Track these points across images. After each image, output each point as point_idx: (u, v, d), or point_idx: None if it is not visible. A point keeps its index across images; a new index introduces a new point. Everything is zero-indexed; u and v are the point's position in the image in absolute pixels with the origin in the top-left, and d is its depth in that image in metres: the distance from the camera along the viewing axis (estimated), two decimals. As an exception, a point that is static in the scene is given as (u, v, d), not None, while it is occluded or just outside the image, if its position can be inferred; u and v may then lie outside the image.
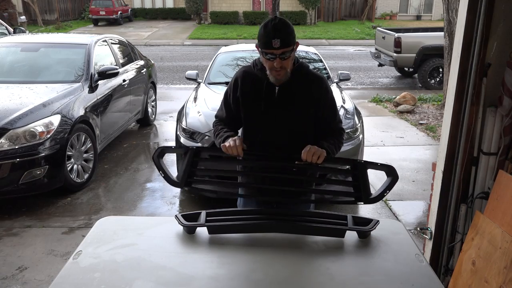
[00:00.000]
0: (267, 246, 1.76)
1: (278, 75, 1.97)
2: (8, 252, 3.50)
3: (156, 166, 1.79)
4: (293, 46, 1.94)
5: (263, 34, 1.92)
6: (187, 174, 1.80)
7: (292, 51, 1.95)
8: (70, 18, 25.93)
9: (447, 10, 7.36)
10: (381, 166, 1.87)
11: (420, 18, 27.40)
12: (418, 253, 1.77)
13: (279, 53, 1.90)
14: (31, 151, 3.99)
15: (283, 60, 1.93)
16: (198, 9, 24.47)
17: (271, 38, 1.88)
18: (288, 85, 2.05)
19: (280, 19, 1.95)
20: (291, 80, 2.04)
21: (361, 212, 4.25)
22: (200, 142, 4.09)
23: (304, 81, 2.07)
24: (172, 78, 11.17)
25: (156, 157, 1.79)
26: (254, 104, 2.07)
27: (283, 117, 2.06)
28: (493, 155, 2.50)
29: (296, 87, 2.05)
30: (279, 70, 1.95)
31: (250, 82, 2.08)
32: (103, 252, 1.73)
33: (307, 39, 18.27)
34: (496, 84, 2.42)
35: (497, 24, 2.35)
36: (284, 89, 2.05)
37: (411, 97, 8.16)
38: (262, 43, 1.94)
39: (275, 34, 1.88)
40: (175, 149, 1.92)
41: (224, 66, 5.66)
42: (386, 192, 1.79)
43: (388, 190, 1.79)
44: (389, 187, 1.79)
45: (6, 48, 5.66)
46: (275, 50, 1.90)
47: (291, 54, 1.95)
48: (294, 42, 1.96)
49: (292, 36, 1.94)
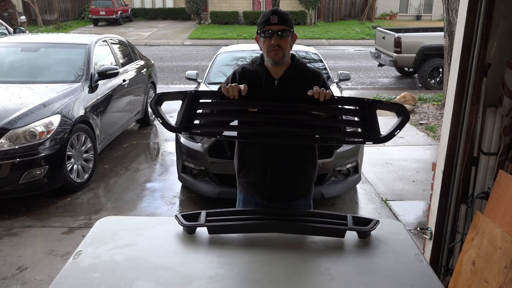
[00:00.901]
0: (267, 246, 1.76)
1: (275, 55, 1.99)
2: (8, 252, 3.50)
3: (154, 113, 1.77)
4: (290, 28, 2.00)
5: (262, 16, 2.01)
6: (185, 119, 1.77)
7: (290, 33, 2.00)
8: (70, 18, 25.93)
9: (447, 10, 7.36)
10: (391, 105, 1.84)
11: (420, 18, 27.40)
12: (418, 253, 1.77)
13: (276, 29, 1.95)
14: (31, 151, 4.00)
15: (280, 39, 1.97)
16: (198, 9, 24.47)
17: (269, 15, 1.97)
18: (287, 78, 2.07)
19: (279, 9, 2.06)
20: (290, 73, 2.07)
21: (361, 212, 4.25)
22: (200, 143, 4.09)
23: (302, 75, 2.10)
24: (172, 78, 11.17)
25: (154, 104, 1.77)
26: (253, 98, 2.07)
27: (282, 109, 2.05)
28: (493, 155, 2.50)
29: (294, 80, 2.08)
30: (276, 49, 1.97)
31: (249, 77, 2.09)
32: (103, 252, 1.73)
33: (307, 39, 18.27)
34: (496, 84, 2.42)
35: (497, 24, 2.35)
36: (283, 82, 2.07)
37: (411, 97, 8.16)
38: (260, 23, 2.00)
39: (273, 12, 1.98)
40: (173, 94, 1.81)
41: (224, 66, 5.66)
42: (397, 131, 1.75)
43: (399, 129, 1.75)
44: (400, 127, 1.75)
45: (6, 48, 5.66)
46: (272, 26, 1.95)
47: (289, 36, 2.00)
48: (292, 25, 2.02)
49: (289, 19, 2.00)
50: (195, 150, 4.11)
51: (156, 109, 1.78)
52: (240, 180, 2.27)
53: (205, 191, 4.13)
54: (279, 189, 2.15)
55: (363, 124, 1.80)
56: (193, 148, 4.13)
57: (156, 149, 6.12)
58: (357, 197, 4.54)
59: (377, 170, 5.18)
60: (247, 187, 2.23)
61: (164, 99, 1.80)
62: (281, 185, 2.15)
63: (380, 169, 5.21)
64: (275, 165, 2.11)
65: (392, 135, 1.76)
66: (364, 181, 4.85)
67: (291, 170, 2.14)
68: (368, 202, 4.43)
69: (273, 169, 2.11)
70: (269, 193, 2.16)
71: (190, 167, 4.22)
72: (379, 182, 4.90)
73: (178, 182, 4.57)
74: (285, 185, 2.16)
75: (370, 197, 4.54)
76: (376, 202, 4.44)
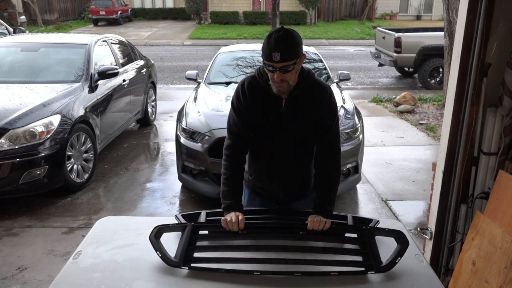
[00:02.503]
0: (267, 247, 1.76)
1: (279, 87, 1.95)
2: (8, 252, 3.50)
3: (153, 246, 1.66)
4: (295, 60, 1.89)
5: (266, 45, 1.89)
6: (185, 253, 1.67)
7: (295, 64, 1.90)
8: (70, 18, 25.93)
9: (447, 10, 7.36)
10: (389, 232, 1.78)
11: (420, 18, 27.39)
12: (418, 253, 1.77)
13: (279, 66, 1.87)
14: (31, 151, 3.99)
15: (283, 73, 1.89)
16: (198, 9, 24.46)
17: (272, 51, 1.85)
18: (295, 97, 2.02)
19: (286, 30, 1.89)
20: (298, 92, 2.01)
21: (361, 212, 4.25)
22: (200, 143, 4.09)
23: (310, 91, 2.04)
24: (172, 78, 11.17)
25: (153, 237, 1.68)
26: (262, 115, 2.06)
27: (290, 129, 2.05)
28: (493, 155, 2.50)
29: (302, 99, 2.03)
30: (280, 82, 1.92)
31: (257, 94, 2.06)
32: (103, 252, 1.73)
33: (307, 39, 18.26)
34: (496, 84, 2.42)
35: (497, 24, 2.35)
36: (291, 101, 2.03)
37: (411, 97, 8.16)
38: (264, 54, 1.91)
39: (276, 47, 1.84)
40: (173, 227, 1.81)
41: (224, 66, 5.65)
42: (398, 259, 1.66)
43: (400, 256, 1.66)
44: (400, 254, 1.67)
45: (6, 48, 5.66)
46: (275, 63, 1.86)
47: (294, 67, 1.91)
48: (297, 56, 1.90)
49: (294, 50, 1.88)
50: (195, 150, 4.11)
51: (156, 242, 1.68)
52: (249, 181, 2.28)
53: (205, 191, 4.13)
54: (284, 196, 2.22)
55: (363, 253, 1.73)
56: (193, 148, 4.13)
57: (156, 149, 6.11)
58: (357, 197, 4.54)
59: (377, 170, 5.17)
60: (255, 188, 2.28)
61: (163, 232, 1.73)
62: (286, 193, 2.21)
63: (380, 169, 5.21)
64: (281, 178, 2.16)
65: (394, 263, 1.65)
66: (364, 181, 4.85)
67: (296, 181, 2.20)
68: (368, 202, 4.43)
69: (280, 181, 2.17)
70: (276, 198, 2.24)
71: (190, 167, 4.22)
72: (379, 182, 4.89)
73: (178, 182, 4.57)
74: (290, 193, 2.23)
75: (370, 197, 4.53)
76: (376, 202, 4.44)
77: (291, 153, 2.10)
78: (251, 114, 2.06)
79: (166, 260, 1.63)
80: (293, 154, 2.11)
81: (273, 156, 2.11)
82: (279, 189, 2.18)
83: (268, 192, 2.23)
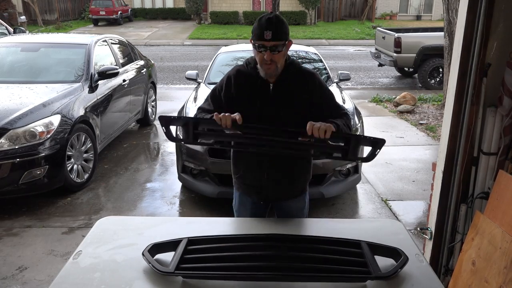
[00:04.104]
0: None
1: (268, 69, 1.99)
2: (8, 252, 3.50)
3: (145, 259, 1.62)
4: (284, 41, 1.96)
5: (257, 26, 1.95)
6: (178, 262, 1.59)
7: (284, 46, 1.96)
8: (70, 18, 25.93)
9: (447, 10, 7.36)
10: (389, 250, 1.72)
11: (420, 18, 27.40)
12: (418, 253, 1.77)
13: (269, 45, 1.92)
14: (31, 151, 3.99)
15: (273, 54, 1.94)
16: (198, 9, 24.47)
17: (263, 30, 1.91)
18: (282, 82, 2.06)
19: (276, 15, 1.96)
20: (284, 77, 2.06)
21: (361, 212, 4.25)
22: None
23: (296, 77, 2.08)
24: (172, 78, 11.17)
25: (147, 252, 1.64)
26: (249, 102, 2.07)
27: (278, 114, 2.06)
28: (493, 155, 2.50)
29: (289, 84, 2.07)
30: (269, 63, 1.96)
31: (244, 81, 2.09)
32: (103, 252, 1.73)
33: (307, 39, 18.27)
34: (496, 84, 2.42)
35: (497, 24, 2.35)
36: (278, 86, 2.06)
37: (411, 97, 8.16)
38: (254, 34, 1.96)
39: (268, 26, 1.91)
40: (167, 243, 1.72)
41: (224, 66, 5.65)
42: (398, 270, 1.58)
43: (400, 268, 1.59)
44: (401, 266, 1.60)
45: (6, 48, 5.66)
46: (266, 42, 1.92)
47: (282, 50, 1.96)
48: (286, 38, 1.97)
49: (284, 31, 1.96)
50: (195, 150, 4.11)
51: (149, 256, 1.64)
52: (236, 180, 2.30)
53: (205, 191, 4.13)
54: (274, 191, 2.20)
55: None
56: (193, 148, 4.13)
57: (156, 149, 6.12)
58: (357, 197, 4.54)
59: (377, 170, 5.17)
60: (244, 187, 2.28)
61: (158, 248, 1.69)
62: (276, 187, 2.20)
63: (380, 169, 5.21)
64: (270, 170, 2.15)
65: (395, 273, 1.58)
66: (364, 181, 4.85)
67: (285, 173, 2.18)
68: (368, 202, 4.43)
69: (269, 173, 2.15)
70: (266, 194, 2.22)
71: (190, 167, 4.22)
72: (379, 182, 4.89)
73: (178, 182, 4.57)
74: (280, 187, 2.21)
75: (370, 197, 4.53)
76: (376, 202, 4.44)
77: None
78: (238, 103, 2.08)
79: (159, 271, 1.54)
80: None
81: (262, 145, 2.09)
82: (268, 182, 2.16)
83: (258, 188, 2.21)
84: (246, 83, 2.08)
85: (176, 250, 1.63)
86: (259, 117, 2.05)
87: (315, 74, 2.15)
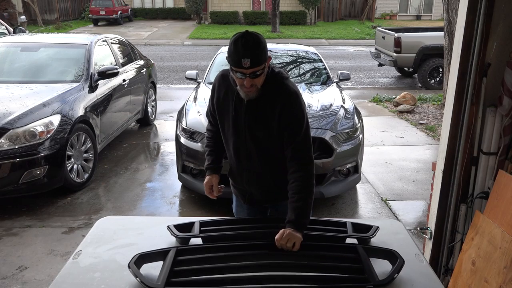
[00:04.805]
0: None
1: (248, 92, 1.91)
2: (8, 252, 3.50)
3: (133, 273, 1.55)
4: (264, 64, 1.85)
5: (233, 51, 1.83)
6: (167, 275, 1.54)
7: (264, 68, 1.87)
8: (70, 18, 25.91)
9: (447, 10, 7.36)
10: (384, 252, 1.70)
11: (420, 18, 27.40)
12: (418, 253, 1.77)
13: (249, 72, 1.82)
14: (31, 151, 3.99)
15: (253, 79, 1.85)
16: (198, 9, 24.45)
17: (241, 57, 1.79)
18: (256, 100, 1.96)
19: (251, 34, 1.85)
20: (261, 92, 1.94)
21: (361, 212, 4.25)
22: (200, 142, 4.09)
23: (273, 94, 1.96)
24: (172, 78, 11.17)
25: (133, 264, 1.57)
26: (226, 110, 2.06)
27: (250, 127, 2.01)
28: (493, 155, 2.50)
29: (263, 102, 1.96)
30: (249, 87, 1.88)
31: (225, 88, 2.06)
32: (103, 252, 1.73)
33: (307, 39, 18.27)
34: (496, 84, 2.42)
35: (497, 24, 2.35)
36: (251, 103, 1.98)
37: (411, 97, 8.16)
38: (232, 60, 1.85)
39: (245, 53, 1.79)
40: (154, 253, 1.66)
41: (224, 66, 5.64)
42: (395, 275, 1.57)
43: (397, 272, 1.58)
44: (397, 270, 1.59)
45: (6, 48, 5.66)
46: (244, 70, 1.81)
47: (263, 71, 1.88)
48: (265, 59, 1.87)
49: (262, 54, 1.84)
50: (195, 150, 4.11)
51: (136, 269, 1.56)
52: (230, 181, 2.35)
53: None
54: (256, 194, 2.20)
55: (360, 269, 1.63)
56: (193, 148, 4.13)
57: (156, 149, 6.12)
58: (357, 197, 4.54)
59: (377, 170, 5.18)
60: (235, 190, 2.33)
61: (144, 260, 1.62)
62: (257, 191, 2.19)
63: (380, 169, 5.21)
64: (248, 173, 2.14)
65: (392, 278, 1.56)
66: (364, 181, 4.85)
67: (264, 178, 2.14)
68: (368, 202, 4.43)
69: (248, 176, 2.15)
70: (250, 197, 2.23)
71: (190, 167, 4.22)
72: (379, 182, 4.89)
73: (178, 182, 4.57)
74: (261, 191, 2.19)
75: (370, 197, 4.54)
76: (376, 202, 4.44)
77: (254, 154, 2.06)
78: (218, 108, 2.11)
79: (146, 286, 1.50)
80: (257, 156, 2.06)
81: (238, 154, 2.10)
82: (249, 188, 2.19)
83: (243, 191, 2.24)
84: (226, 90, 2.06)
85: (165, 261, 1.59)
86: (234, 126, 2.04)
87: (292, 94, 1.97)
